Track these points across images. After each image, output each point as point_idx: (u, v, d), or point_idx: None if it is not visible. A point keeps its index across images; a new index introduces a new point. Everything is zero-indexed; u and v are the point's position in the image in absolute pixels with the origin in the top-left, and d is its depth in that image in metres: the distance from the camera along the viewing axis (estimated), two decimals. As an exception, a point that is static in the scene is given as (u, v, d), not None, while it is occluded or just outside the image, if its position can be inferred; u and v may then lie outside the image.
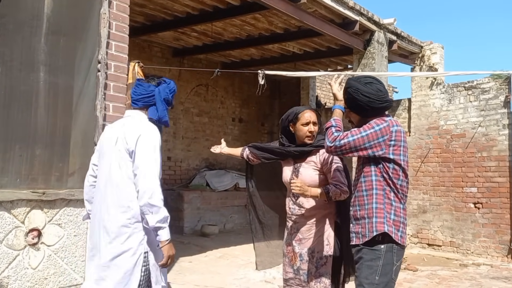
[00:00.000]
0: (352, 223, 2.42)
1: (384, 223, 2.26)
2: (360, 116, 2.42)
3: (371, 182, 2.32)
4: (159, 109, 2.43)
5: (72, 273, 3.20)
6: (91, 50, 3.45)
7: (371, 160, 2.33)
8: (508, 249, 6.88)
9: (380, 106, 2.34)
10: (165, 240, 2.23)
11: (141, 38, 7.82)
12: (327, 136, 2.34)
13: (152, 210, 2.19)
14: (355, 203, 2.40)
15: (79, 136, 3.40)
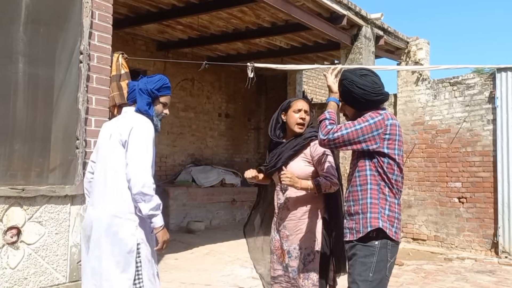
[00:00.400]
0: (346, 219, 2.37)
1: (378, 218, 2.21)
2: (355, 109, 2.36)
3: (366, 177, 2.27)
4: (138, 100, 2.49)
5: (54, 273, 3.09)
6: (73, 40, 3.32)
7: (366, 154, 2.27)
8: (492, 243, 6.96)
9: (375, 99, 2.28)
10: (159, 227, 2.31)
11: (125, 30, 7.65)
12: (320, 129, 2.27)
13: (145, 199, 2.26)
14: (349, 198, 2.34)
15: (60, 130, 3.29)
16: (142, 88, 2.48)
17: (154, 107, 2.52)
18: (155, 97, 2.51)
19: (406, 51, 8.22)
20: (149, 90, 2.48)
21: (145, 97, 2.48)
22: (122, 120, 2.47)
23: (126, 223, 2.31)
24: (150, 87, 2.48)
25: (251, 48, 8.58)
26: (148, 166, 2.31)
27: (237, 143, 10.45)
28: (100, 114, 3.41)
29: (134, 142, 2.32)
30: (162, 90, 2.53)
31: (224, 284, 4.75)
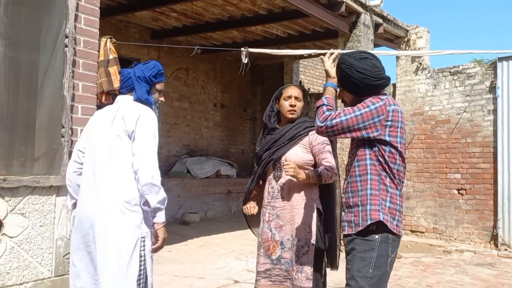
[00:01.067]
0: (344, 211, 2.24)
1: (379, 210, 2.07)
2: (354, 95, 2.20)
3: (366, 166, 2.13)
4: (136, 89, 2.37)
5: (38, 267, 2.94)
6: (58, 23, 3.15)
7: (366, 143, 2.13)
8: (491, 235, 6.86)
9: (375, 83, 2.13)
10: (161, 222, 2.21)
11: (117, 18, 7.45)
12: (317, 116, 2.12)
13: (153, 190, 2.14)
14: (348, 190, 2.21)
15: (45, 117, 3.12)
16: (140, 76, 2.37)
17: (152, 95, 2.43)
18: (152, 85, 2.42)
19: (405, 39, 8.06)
20: (147, 78, 2.38)
21: (143, 85, 2.38)
22: (124, 107, 2.30)
23: (132, 215, 2.17)
24: (148, 74, 2.38)
25: (247, 36, 8.40)
26: (155, 157, 2.21)
27: (232, 133, 10.30)
28: (87, 101, 3.25)
29: (142, 132, 2.21)
30: (158, 77, 2.44)
31: (218, 277, 4.63)
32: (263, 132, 2.79)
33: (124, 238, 2.13)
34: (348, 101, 2.26)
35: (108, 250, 2.12)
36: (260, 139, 2.79)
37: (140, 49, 8.00)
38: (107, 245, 2.13)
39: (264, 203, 2.73)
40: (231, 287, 4.34)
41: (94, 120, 2.41)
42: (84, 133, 2.42)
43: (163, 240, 2.22)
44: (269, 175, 2.70)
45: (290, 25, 7.69)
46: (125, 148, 2.21)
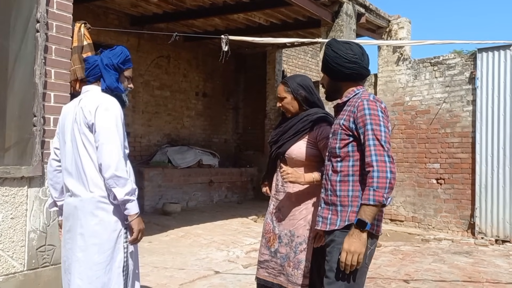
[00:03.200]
0: (321, 206, 2.18)
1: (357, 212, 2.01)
2: (329, 78, 2.18)
3: (347, 167, 2.07)
4: (105, 77, 2.28)
5: (9, 260, 2.86)
6: (28, 7, 3.02)
7: (353, 141, 2.06)
8: (469, 224, 6.99)
9: (347, 65, 2.09)
10: (134, 214, 2.14)
11: (95, 3, 7.25)
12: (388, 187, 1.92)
13: (119, 183, 2.09)
14: (327, 187, 2.15)
15: (16, 106, 3.01)
16: (108, 63, 2.27)
17: (121, 82, 2.34)
18: (120, 72, 2.33)
19: (387, 29, 8.07)
20: (115, 65, 2.29)
21: (112, 72, 2.29)
22: (85, 99, 2.23)
23: (111, 209, 2.16)
24: (115, 61, 2.28)
25: (229, 24, 8.28)
26: (118, 147, 2.13)
27: (215, 123, 10.22)
28: (60, 88, 3.14)
29: (102, 123, 2.13)
30: (126, 63, 2.35)
31: (199, 268, 4.60)
32: (279, 122, 2.76)
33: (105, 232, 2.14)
34: (325, 83, 2.24)
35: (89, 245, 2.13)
36: (274, 129, 2.77)
37: (119, 36, 7.82)
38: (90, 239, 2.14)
39: (272, 194, 2.71)
40: (212, 277, 4.31)
41: (62, 115, 2.35)
42: (57, 129, 2.36)
43: (138, 232, 2.16)
44: (278, 167, 2.65)
45: (272, 14, 7.61)
46: (92, 140, 2.16)
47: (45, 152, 3.02)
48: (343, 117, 2.09)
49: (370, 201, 1.90)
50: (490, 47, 6.73)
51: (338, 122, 2.11)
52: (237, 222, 7.16)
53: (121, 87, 2.32)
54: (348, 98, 2.14)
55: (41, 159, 2.98)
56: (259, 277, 2.67)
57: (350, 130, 2.05)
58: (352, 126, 2.04)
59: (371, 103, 2.01)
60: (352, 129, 2.04)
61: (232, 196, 9.47)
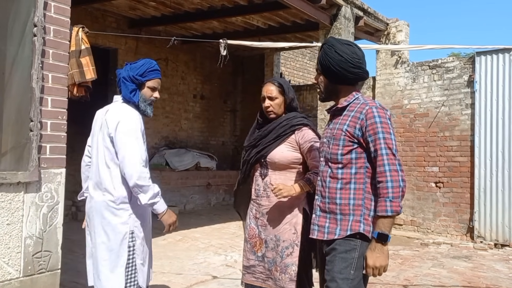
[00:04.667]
0: (316, 214, 2.09)
1: (360, 221, 1.97)
2: (328, 80, 2.09)
3: (349, 174, 2.00)
4: (122, 88, 2.53)
5: (5, 267, 2.82)
6: (26, 11, 2.98)
7: (357, 148, 1.99)
8: (467, 228, 6.98)
9: (352, 70, 2.02)
10: (161, 212, 2.44)
11: (93, 6, 7.23)
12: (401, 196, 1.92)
13: (142, 190, 2.36)
14: (324, 194, 2.06)
15: (13, 110, 2.97)
16: (125, 76, 2.51)
17: (141, 92, 2.52)
18: (140, 83, 2.52)
19: (385, 32, 8.07)
20: (131, 77, 2.50)
21: (128, 84, 2.51)
22: (110, 111, 2.50)
23: (119, 212, 2.42)
24: (133, 73, 2.50)
25: (227, 27, 8.27)
26: (138, 157, 2.38)
27: (212, 125, 10.19)
28: (57, 93, 3.11)
29: (122, 136, 2.39)
30: (148, 75, 2.53)
31: (196, 273, 4.56)
32: (255, 126, 2.71)
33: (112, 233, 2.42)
34: (322, 86, 2.13)
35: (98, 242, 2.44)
36: (251, 133, 2.72)
37: (117, 38, 7.79)
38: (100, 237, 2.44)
39: (252, 198, 2.67)
40: (210, 283, 4.28)
41: (95, 118, 2.62)
42: (92, 129, 2.63)
43: (168, 226, 2.49)
44: (256, 171, 2.64)
45: (271, 17, 7.59)
46: (111, 150, 2.44)
47: (42, 157, 2.99)
48: (346, 122, 2.01)
49: (388, 212, 1.86)
50: (488, 50, 6.73)
51: (340, 127, 2.02)
52: (235, 226, 7.13)
53: (135, 98, 2.50)
54: (348, 103, 2.07)
55: (38, 164, 2.95)
56: (246, 282, 2.66)
57: (355, 137, 1.97)
58: (358, 134, 1.97)
59: (381, 111, 1.96)
60: (357, 136, 1.97)
61: (230, 199, 9.43)
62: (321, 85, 2.12)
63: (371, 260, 1.88)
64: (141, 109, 2.53)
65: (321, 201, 2.07)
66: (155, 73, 2.57)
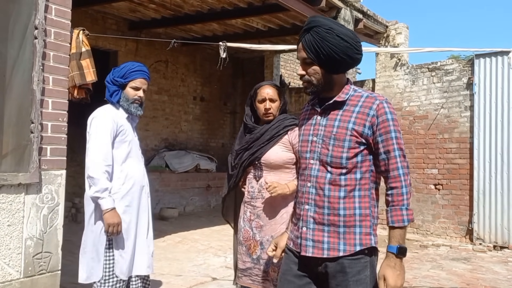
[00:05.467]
0: (308, 227, 1.76)
1: (370, 234, 1.73)
2: (324, 71, 1.73)
3: (354, 180, 1.73)
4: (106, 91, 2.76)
5: (5, 267, 2.83)
6: (27, 13, 3.00)
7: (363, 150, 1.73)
8: (467, 230, 6.99)
9: (356, 57, 1.74)
10: (105, 209, 2.53)
11: (93, 8, 7.25)
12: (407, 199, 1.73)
13: (91, 182, 2.54)
14: (322, 204, 1.74)
15: (13, 112, 2.99)
16: (107, 80, 2.75)
17: (123, 92, 2.71)
18: (122, 84, 2.71)
19: (385, 35, 8.09)
20: (112, 80, 2.71)
21: (110, 86, 2.73)
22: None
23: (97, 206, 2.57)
24: (113, 76, 2.71)
25: (227, 29, 8.29)
26: (96, 151, 2.56)
27: (212, 127, 10.21)
28: (58, 95, 3.12)
29: (90, 131, 2.65)
30: (129, 76, 2.70)
31: (196, 274, 4.57)
32: (243, 131, 2.73)
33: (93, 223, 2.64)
34: (316, 78, 1.75)
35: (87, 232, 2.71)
36: (240, 137, 2.73)
37: (117, 41, 7.82)
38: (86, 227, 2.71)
39: (245, 201, 2.68)
40: (209, 284, 4.29)
41: None
42: None
43: (107, 224, 2.53)
44: (249, 174, 2.65)
45: (270, 19, 7.62)
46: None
47: (43, 159, 3.01)
48: (351, 119, 1.73)
49: (405, 222, 1.67)
50: (487, 53, 6.76)
51: (343, 125, 1.73)
52: (235, 228, 7.13)
53: (114, 98, 2.70)
54: (348, 96, 1.78)
55: (39, 166, 2.96)
56: (243, 285, 2.66)
57: (364, 136, 1.72)
58: (368, 132, 1.71)
59: (391, 107, 1.74)
60: (367, 135, 1.71)
61: (230, 201, 9.43)
62: (314, 77, 1.75)
63: (392, 279, 1.63)
64: (124, 108, 2.71)
65: (316, 212, 1.76)
66: (137, 74, 2.72)
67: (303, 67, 1.77)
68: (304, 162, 1.84)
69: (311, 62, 1.73)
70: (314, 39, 1.69)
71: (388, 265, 1.66)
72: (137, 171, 2.77)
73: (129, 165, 2.71)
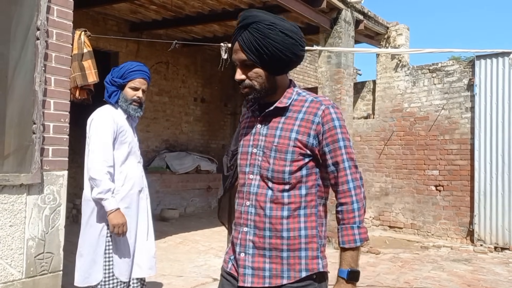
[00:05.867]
0: (248, 253, 1.53)
1: (318, 257, 1.52)
2: (267, 73, 1.51)
3: (299, 197, 1.51)
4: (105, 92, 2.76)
5: (8, 268, 2.83)
6: (29, 15, 3.01)
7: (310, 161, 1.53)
8: (468, 231, 6.99)
9: (301, 54, 1.53)
10: (109, 210, 2.51)
11: (94, 10, 7.26)
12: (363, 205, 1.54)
13: (93, 184, 2.54)
14: (262, 226, 1.52)
15: (15, 113, 2.99)
16: (107, 80, 2.74)
17: (122, 92, 2.71)
18: (120, 84, 2.71)
19: (386, 36, 8.10)
20: (111, 80, 2.71)
21: (108, 87, 2.72)
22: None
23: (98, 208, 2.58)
24: (111, 77, 2.71)
25: (228, 30, 8.29)
26: (98, 153, 2.55)
27: (213, 128, 10.21)
28: (60, 96, 3.13)
29: (90, 133, 2.66)
30: (128, 76, 2.68)
31: (197, 275, 4.58)
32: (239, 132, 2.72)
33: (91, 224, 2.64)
34: (259, 82, 1.51)
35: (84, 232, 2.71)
36: (236, 138, 2.72)
37: (118, 42, 7.83)
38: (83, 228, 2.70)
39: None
40: (210, 285, 4.29)
41: None
42: None
43: (112, 225, 2.52)
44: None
45: (271, 20, 7.61)
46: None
47: (44, 160, 3.01)
48: (294, 128, 1.52)
49: (357, 243, 1.48)
50: (488, 54, 6.76)
51: (285, 135, 1.52)
52: (236, 229, 7.13)
53: (113, 99, 2.70)
54: (290, 101, 1.56)
55: (40, 166, 2.97)
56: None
57: (308, 147, 1.51)
58: (313, 142, 1.51)
59: (338, 112, 1.54)
60: (311, 146, 1.51)
61: (231, 202, 9.44)
62: (257, 81, 1.51)
63: None
64: (123, 109, 2.70)
65: (255, 235, 1.53)
66: (136, 73, 2.69)
67: (243, 71, 1.52)
68: (243, 177, 1.61)
69: (252, 64, 1.50)
70: (254, 37, 1.46)
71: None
72: (136, 172, 2.77)
73: (128, 166, 2.71)
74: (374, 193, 8.03)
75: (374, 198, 8.02)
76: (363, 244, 1.55)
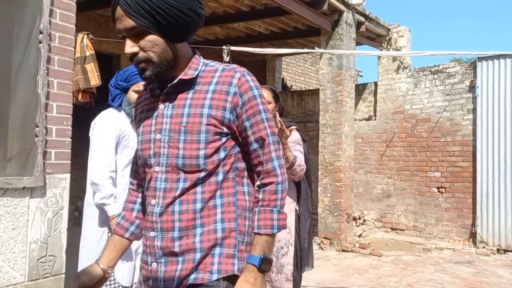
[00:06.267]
0: (160, 262, 1.27)
1: (234, 256, 1.26)
2: (165, 40, 1.23)
3: (215, 184, 1.27)
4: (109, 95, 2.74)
5: (10, 271, 2.83)
6: (32, 18, 3.02)
7: (229, 139, 1.29)
8: (470, 233, 6.97)
9: (201, 13, 1.27)
10: (112, 216, 2.49)
11: (96, 12, 7.27)
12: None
13: (95, 189, 2.51)
14: (172, 226, 1.26)
15: (18, 116, 3.00)
16: (111, 83, 2.72)
17: (127, 96, 2.67)
18: (124, 88, 2.67)
19: (387, 38, 8.10)
20: (115, 83, 2.70)
21: (112, 90, 2.70)
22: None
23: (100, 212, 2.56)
24: (115, 80, 2.69)
25: (230, 33, 8.31)
26: (99, 157, 2.54)
27: (215, 131, 10.21)
28: (62, 99, 3.14)
29: (92, 137, 2.63)
30: (131, 79, 2.65)
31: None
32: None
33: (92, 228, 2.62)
34: (157, 52, 1.22)
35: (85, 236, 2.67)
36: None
37: (120, 44, 7.81)
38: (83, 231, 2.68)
39: None
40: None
41: None
42: None
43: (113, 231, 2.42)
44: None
45: (272, 22, 7.63)
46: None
47: (47, 163, 3.02)
48: (205, 102, 1.26)
49: (274, 229, 1.27)
50: (490, 56, 6.76)
51: (196, 112, 1.25)
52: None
53: (116, 103, 2.68)
54: (197, 72, 1.30)
55: (43, 169, 2.97)
56: None
57: (225, 124, 1.27)
58: (230, 117, 1.26)
59: (255, 80, 1.33)
60: (229, 121, 1.27)
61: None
62: (153, 52, 1.23)
63: None
64: (126, 113, 2.67)
65: (163, 239, 1.26)
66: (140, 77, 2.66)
67: (133, 41, 1.23)
68: (148, 172, 1.33)
69: (144, 31, 1.21)
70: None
71: (246, 281, 1.20)
72: None
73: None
74: (376, 195, 8.02)
75: (376, 200, 8.01)
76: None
